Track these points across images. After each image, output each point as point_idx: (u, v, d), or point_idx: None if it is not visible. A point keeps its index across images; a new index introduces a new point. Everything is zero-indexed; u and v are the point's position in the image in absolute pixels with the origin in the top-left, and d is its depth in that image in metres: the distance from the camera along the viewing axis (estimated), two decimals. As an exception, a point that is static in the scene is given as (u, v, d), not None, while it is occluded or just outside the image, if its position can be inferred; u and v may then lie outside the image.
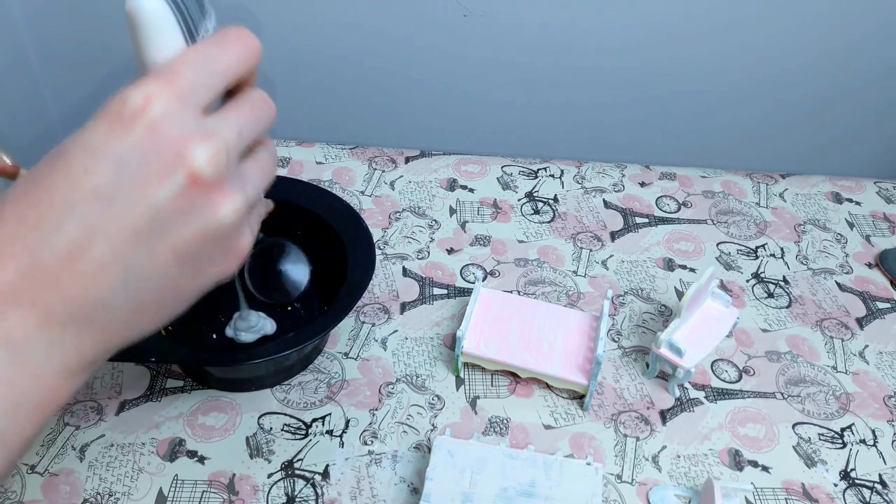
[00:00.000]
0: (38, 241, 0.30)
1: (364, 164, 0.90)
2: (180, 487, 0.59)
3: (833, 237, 0.85)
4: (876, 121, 0.96)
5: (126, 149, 0.31)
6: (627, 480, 0.62)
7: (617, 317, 0.75)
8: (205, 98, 0.32)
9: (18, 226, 0.30)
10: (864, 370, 0.71)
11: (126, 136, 0.31)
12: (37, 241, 0.30)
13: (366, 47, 0.91)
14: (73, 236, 0.30)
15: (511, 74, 0.92)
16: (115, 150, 0.31)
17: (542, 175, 0.91)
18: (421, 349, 0.70)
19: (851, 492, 0.62)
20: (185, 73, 0.32)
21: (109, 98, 0.32)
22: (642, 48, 0.89)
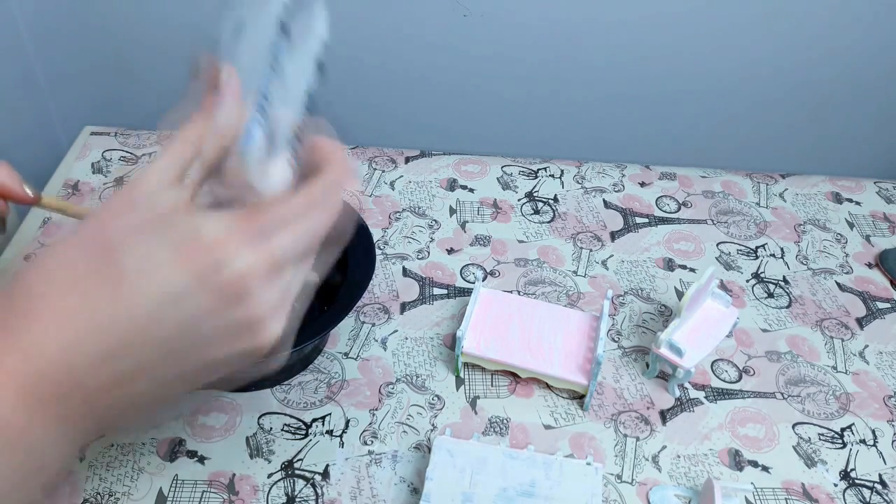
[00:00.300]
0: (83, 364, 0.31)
1: (364, 164, 0.90)
2: (180, 487, 0.59)
3: (833, 237, 0.85)
4: (876, 121, 0.96)
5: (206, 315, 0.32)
6: (627, 480, 0.62)
7: (617, 317, 0.75)
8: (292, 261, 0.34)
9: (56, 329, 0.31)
10: (864, 370, 0.71)
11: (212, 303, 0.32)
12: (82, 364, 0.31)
13: (366, 47, 0.91)
14: (120, 370, 0.31)
15: (511, 74, 0.92)
16: (195, 313, 0.31)
17: (542, 175, 0.91)
18: (421, 349, 0.70)
19: (851, 492, 0.62)
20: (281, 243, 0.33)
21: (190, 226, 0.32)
22: (642, 48, 0.89)
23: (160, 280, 0.31)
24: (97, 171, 0.86)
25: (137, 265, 0.31)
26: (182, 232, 0.32)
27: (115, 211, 0.33)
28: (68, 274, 0.31)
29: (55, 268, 0.32)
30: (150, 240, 0.32)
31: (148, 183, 0.33)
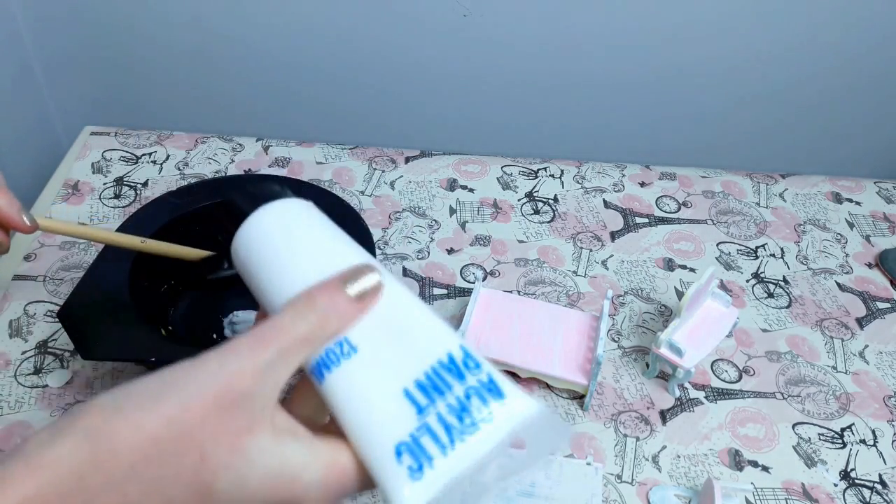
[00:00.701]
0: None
1: (364, 164, 0.90)
2: (180, 487, 0.59)
3: (833, 237, 0.85)
4: (876, 121, 0.96)
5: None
6: (627, 480, 0.62)
7: (617, 317, 0.75)
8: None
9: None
10: (864, 370, 0.71)
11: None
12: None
13: (366, 47, 0.91)
14: None
15: (511, 74, 0.92)
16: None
17: (542, 175, 0.91)
18: (421, 349, 0.70)
19: (851, 492, 0.62)
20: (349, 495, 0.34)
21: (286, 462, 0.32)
22: (642, 48, 0.89)
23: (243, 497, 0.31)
24: (97, 171, 0.86)
25: (228, 487, 0.31)
26: (278, 466, 0.32)
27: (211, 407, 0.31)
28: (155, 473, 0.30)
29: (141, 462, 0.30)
30: (246, 464, 0.31)
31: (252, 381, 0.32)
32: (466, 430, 0.33)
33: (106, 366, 0.67)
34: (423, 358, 0.34)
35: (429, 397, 0.33)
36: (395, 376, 0.34)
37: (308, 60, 0.92)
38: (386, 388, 0.34)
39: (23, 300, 0.72)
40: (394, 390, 0.33)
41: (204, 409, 0.31)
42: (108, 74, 0.96)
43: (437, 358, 0.34)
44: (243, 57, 0.93)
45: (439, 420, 0.33)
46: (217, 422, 0.31)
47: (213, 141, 0.92)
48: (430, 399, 0.33)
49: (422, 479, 0.32)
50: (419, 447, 0.32)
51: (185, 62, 0.94)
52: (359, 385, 0.34)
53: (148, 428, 0.30)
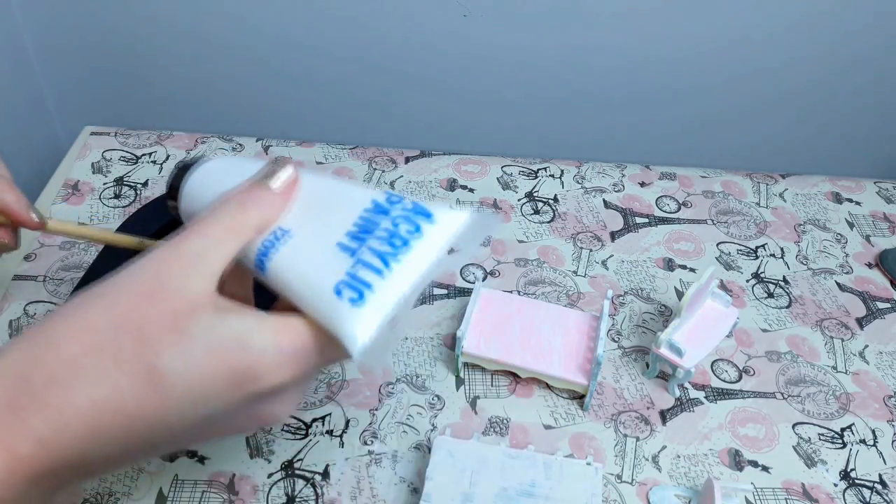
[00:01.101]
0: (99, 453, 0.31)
1: (364, 164, 0.90)
2: (180, 487, 0.59)
3: (833, 237, 0.85)
4: (876, 121, 0.96)
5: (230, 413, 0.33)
6: (627, 480, 0.62)
7: (617, 317, 0.75)
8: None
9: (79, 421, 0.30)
10: (864, 370, 0.71)
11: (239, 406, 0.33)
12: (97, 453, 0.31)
13: (366, 47, 0.91)
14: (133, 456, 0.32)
15: (511, 74, 0.92)
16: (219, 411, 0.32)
17: (542, 175, 0.91)
18: (421, 349, 0.70)
19: (851, 492, 0.62)
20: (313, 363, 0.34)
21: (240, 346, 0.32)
22: (643, 48, 0.89)
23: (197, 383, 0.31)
24: (97, 171, 0.86)
25: (174, 365, 0.31)
26: (224, 337, 0.32)
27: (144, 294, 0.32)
28: (96, 362, 0.30)
29: (80, 353, 0.31)
30: (189, 340, 0.31)
31: (180, 267, 0.33)
32: (399, 251, 0.34)
33: (106, 366, 0.67)
34: (349, 213, 0.36)
35: (359, 239, 0.35)
36: (326, 238, 0.36)
37: (308, 60, 0.92)
38: (322, 249, 0.35)
39: (23, 300, 0.72)
40: (329, 247, 0.35)
41: (136, 297, 0.32)
42: (108, 74, 0.96)
43: (363, 207, 0.36)
44: (243, 57, 0.93)
45: (371, 252, 0.34)
46: (150, 305, 0.31)
47: (213, 141, 0.92)
48: (360, 241, 0.35)
49: (364, 305, 0.33)
50: (356, 279, 0.34)
51: (185, 62, 0.94)
52: (298, 259, 0.36)
53: (82, 319, 0.31)
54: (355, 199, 0.37)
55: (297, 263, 0.36)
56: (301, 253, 0.36)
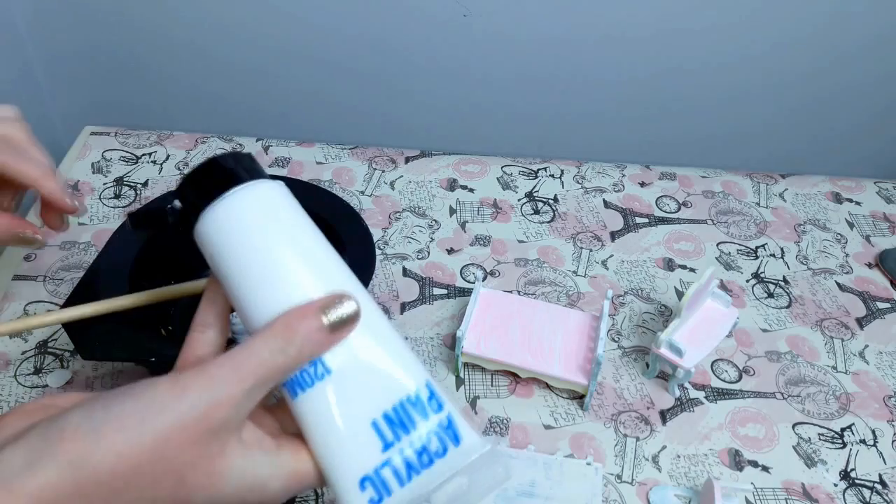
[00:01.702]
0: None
1: (364, 164, 0.90)
2: (180, 487, 0.59)
3: (833, 237, 0.85)
4: (876, 121, 0.96)
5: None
6: (627, 480, 0.62)
7: (617, 317, 0.75)
8: None
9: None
10: (864, 370, 0.71)
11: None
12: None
13: (366, 47, 0.91)
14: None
15: (511, 74, 0.92)
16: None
17: (542, 175, 0.91)
18: (421, 349, 0.70)
19: (851, 492, 0.62)
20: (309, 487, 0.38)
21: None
22: (643, 48, 0.89)
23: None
24: (97, 171, 0.86)
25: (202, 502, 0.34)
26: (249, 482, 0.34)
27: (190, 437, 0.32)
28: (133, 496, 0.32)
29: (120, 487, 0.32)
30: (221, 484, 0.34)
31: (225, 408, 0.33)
32: (424, 467, 0.36)
33: (106, 366, 0.67)
34: (393, 391, 0.36)
35: (394, 433, 0.36)
36: (364, 406, 0.36)
37: (308, 61, 0.92)
38: (355, 417, 0.35)
39: (23, 300, 0.72)
40: (363, 421, 0.35)
41: (183, 439, 0.32)
42: (108, 74, 0.96)
43: (407, 394, 0.36)
44: (243, 57, 0.93)
45: (401, 457, 0.35)
46: (194, 449, 0.32)
47: (213, 141, 0.92)
48: (395, 435, 0.35)
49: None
50: (381, 480, 0.35)
51: (185, 62, 0.94)
52: (330, 410, 0.35)
53: (129, 455, 0.31)
54: (403, 376, 0.37)
55: (330, 416, 0.35)
56: (335, 406, 0.35)
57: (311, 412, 0.36)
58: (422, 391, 0.36)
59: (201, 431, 0.32)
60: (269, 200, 0.38)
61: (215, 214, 0.37)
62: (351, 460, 0.35)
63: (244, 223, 0.37)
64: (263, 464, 0.35)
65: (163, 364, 0.67)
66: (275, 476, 0.35)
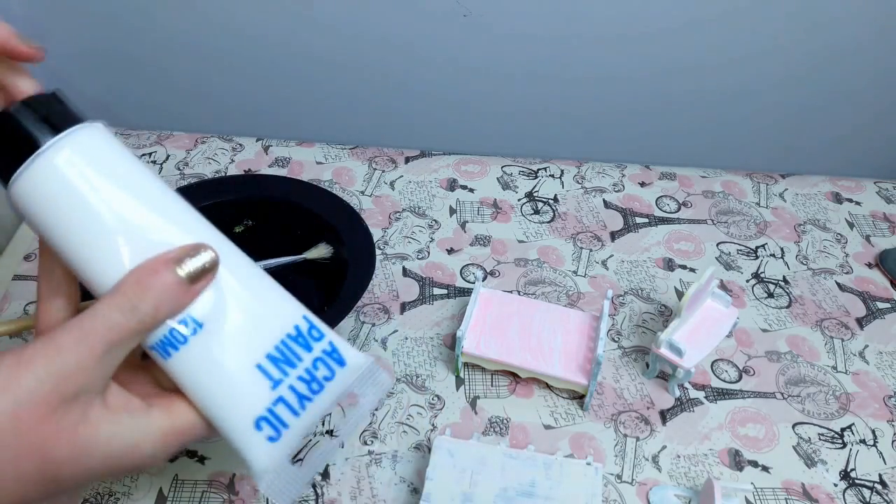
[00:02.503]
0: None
1: (364, 164, 0.90)
2: (180, 487, 0.59)
3: (833, 237, 0.85)
4: (876, 121, 0.96)
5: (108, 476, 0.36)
6: (627, 480, 0.62)
7: (617, 317, 0.75)
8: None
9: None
10: (864, 370, 0.71)
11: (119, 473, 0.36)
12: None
13: (366, 47, 0.91)
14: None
15: (511, 74, 0.92)
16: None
17: (542, 175, 0.91)
18: (421, 349, 0.70)
19: (851, 492, 0.62)
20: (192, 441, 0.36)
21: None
22: (643, 48, 0.89)
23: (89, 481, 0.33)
24: (97, 171, 0.86)
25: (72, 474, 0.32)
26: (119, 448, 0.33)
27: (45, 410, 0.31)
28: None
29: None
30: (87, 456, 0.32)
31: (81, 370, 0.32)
32: (315, 394, 0.35)
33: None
34: (272, 331, 0.35)
35: (281, 370, 0.35)
36: (245, 352, 0.35)
37: (308, 60, 0.92)
38: (238, 365, 0.34)
39: (23, 300, 0.72)
40: (246, 366, 0.34)
41: (36, 414, 0.31)
42: (108, 74, 0.96)
43: (286, 331, 0.36)
44: (243, 56, 0.93)
45: (292, 390, 0.35)
46: (51, 422, 0.31)
47: (213, 141, 0.92)
48: (282, 372, 0.35)
49: (279, 442, 0.35)
50: (276, 417, 0.34)
51: (185, 62, 0.94)
52: (209, 364, 0.34)
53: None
54: (279, 315, 0.36)
55: (211, 368, 0.34)
56: (214, 357, 0.34)
57: (189, 370, 0.34)
58: (301, 325, 0.36)
59: (55, 403, 0.31)
60: (87, 151, 0.33)
61: (24, 183, 0.32)
62: (241, 407, 0.34)
63: (63, 186, 0.32)
64: (131, 427, 0.33)
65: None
66: (146, 438, 0.33)
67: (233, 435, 0.35)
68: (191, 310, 0.34)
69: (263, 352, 0.35)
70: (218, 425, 0.35)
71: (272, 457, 0.35)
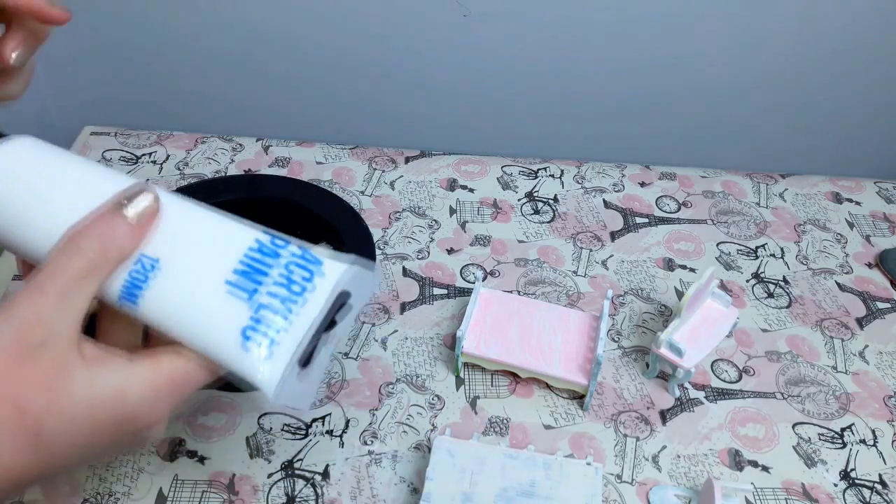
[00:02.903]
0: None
1: (364, 164, 0.90)
2: (180, 487, 0.59)
3: (833, 237, 0.85)
4: (876, 121, 0.96)
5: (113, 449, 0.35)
6: (627, 480, 0.62)
7: (617, 317, 0.75)
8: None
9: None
10: (864, 370, 0.71)
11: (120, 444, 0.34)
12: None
13: (366, 47, 0.91)
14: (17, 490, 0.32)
15: (511, 74, 0.92)
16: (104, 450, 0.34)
17: (542, 175, 0.91)
18: (421, 349, 0.70)
19: (851, 492, 0.62)
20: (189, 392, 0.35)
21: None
22: (642, 48, 0.89)
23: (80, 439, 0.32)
24: (97, 171, 0.86)
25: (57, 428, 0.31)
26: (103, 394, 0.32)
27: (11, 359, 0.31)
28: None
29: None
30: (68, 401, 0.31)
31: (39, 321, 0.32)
32: (298, 294, 0.35)
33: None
34: (231, 248, 0.35)
35: (253, 280, 0.34)
36: (210, 273, 0.35)
37: (308, 60, 0.92)
38: (206, 288, 0.34)
39: (23, 300, 0.72)
40: (215, 285, 0.34)
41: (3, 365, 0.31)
42: (108, 74, 0.96)
43: (247, 245, 0.35)
44: (243, 56, 0.93)
45: (271, 296, 0.34)
46: (20, 374, 0.31)
47: (213, 141, 0.92)
48: (255, 282, 0.34)
49: (276, 349, 0.34)
50: (263, 324, 0.34)
51: (185, 62, 0.94)
52: (178, 293, 0.34)
53: None
54: (235, 235, 0.36)
55: (180, 299, 0.34)
56: (182, 290, 0.34)
57: (161, 308, 0.34)
58: (261, 238, 0.36)
59: (20, 352, 0.31)
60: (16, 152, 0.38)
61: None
62: (223, 325, 0.34)
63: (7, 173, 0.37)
64: (112, 374, 0.33)
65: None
66: (130, 384, 0.33)
67: (226, 357, 0.34)
68: (143, 250, 0.34)
69: (229, 268, 0.35)
70: (207, 352, 0.34)
71: (274, 366, 0.34)
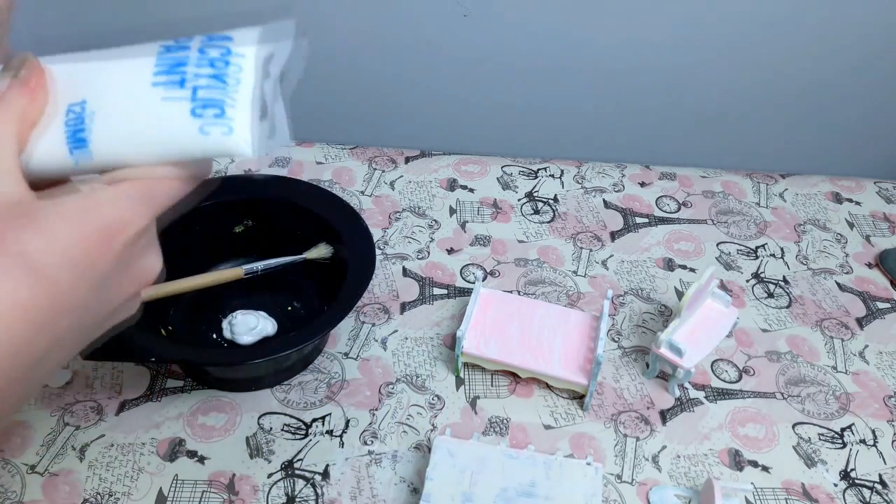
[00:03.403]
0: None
1: (364, 164, 0.90)
2: (180, 487, 0.59)
3: (833, 237, 0.85)
4: (876, 121, 0.96)
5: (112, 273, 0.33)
6: (627, 480, 0.62)
7: (617, 317, 0.75)
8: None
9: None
10: (864, 370, 0.71)
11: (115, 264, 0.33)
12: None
13: (366, 47, 0.91)
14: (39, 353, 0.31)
15: (511, 74, 0.92)
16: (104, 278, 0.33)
17: (542, 175, 0.91)
18: (421, 349, 0.70)
19: (851, 492, 0.62)
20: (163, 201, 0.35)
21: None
22: (642, 48, 0.89)
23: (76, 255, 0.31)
24: (97, 171, 0.86)
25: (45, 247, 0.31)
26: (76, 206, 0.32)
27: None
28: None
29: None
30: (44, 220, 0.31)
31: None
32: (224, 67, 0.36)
33: (106, 366, 0.67)
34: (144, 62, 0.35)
35: (177, 72, 0.35)
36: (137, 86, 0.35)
37: (308, 60, 0.92)
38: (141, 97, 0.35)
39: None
40: (147, 93, 0.35)
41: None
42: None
43: (155, 52, 0.36)
44: (243, 57, 0.93)
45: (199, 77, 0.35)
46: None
47: (213, 141, 0.91)
48: (180, 73, 0.35)
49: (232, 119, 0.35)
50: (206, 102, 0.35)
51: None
52: (119, 116, 0.35)
53: None
54: (140, 51, 0.36)
55: (127, 120, 0.35)
56: (123, 109, 0.35)
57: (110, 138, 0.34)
58: (166, 43, 0.36)
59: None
60: None
61: None
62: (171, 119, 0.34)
63: None
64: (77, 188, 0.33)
65: (163, 364, 0.68)
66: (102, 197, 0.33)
67: (190, 147, 0.35)
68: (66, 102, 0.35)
69: (149, 72, 0.35)
70: (172, 156, 0.35)
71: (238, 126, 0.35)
